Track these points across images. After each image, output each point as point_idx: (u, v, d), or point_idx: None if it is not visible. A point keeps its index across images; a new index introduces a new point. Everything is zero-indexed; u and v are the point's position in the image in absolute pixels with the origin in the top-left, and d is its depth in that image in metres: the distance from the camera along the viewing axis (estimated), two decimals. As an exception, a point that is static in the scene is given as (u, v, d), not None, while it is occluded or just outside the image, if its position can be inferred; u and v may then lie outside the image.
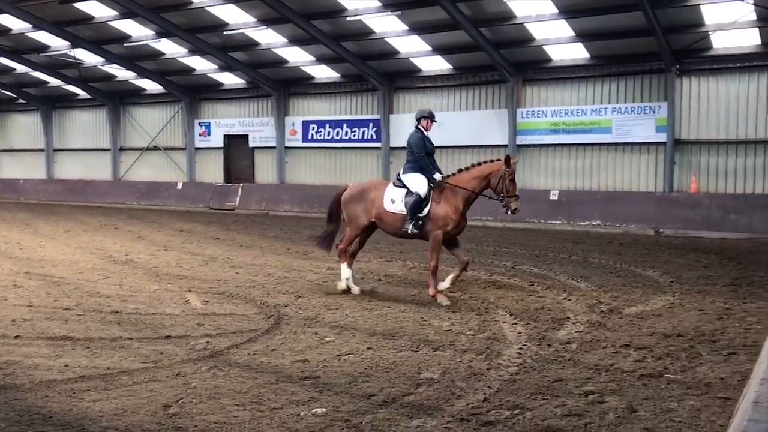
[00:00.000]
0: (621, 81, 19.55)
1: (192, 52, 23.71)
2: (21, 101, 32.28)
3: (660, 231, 17.45)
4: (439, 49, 20.61)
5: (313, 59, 22.97)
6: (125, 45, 23.44)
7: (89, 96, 29.78)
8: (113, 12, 21.18)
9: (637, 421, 4.65)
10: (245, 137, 26.66)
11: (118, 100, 29.84)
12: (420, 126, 9.29)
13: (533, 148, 20.94)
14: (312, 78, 24.68)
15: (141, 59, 25.15)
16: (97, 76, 27.76)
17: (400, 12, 18.20)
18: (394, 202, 9.13)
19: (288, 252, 13.68)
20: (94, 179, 30.56)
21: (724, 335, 7.00)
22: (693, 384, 5.44)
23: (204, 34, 21.84)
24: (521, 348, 6.53)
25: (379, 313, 8.08)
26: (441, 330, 7.27)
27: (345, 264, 9.45)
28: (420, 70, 22.40)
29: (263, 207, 24.69)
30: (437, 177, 9.06)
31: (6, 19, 22.70)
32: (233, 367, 5.93)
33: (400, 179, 9.23)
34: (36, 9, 21.35)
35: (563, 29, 18.24)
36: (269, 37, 21.82)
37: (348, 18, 19.08)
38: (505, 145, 21.08)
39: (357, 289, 9.31)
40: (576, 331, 7.22)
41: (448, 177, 9.22)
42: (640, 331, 7.20)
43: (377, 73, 22.67)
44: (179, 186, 27.55)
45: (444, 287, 9.06)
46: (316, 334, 7.12)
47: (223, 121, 27.23)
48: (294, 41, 21.57)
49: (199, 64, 25.14)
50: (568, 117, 20.27)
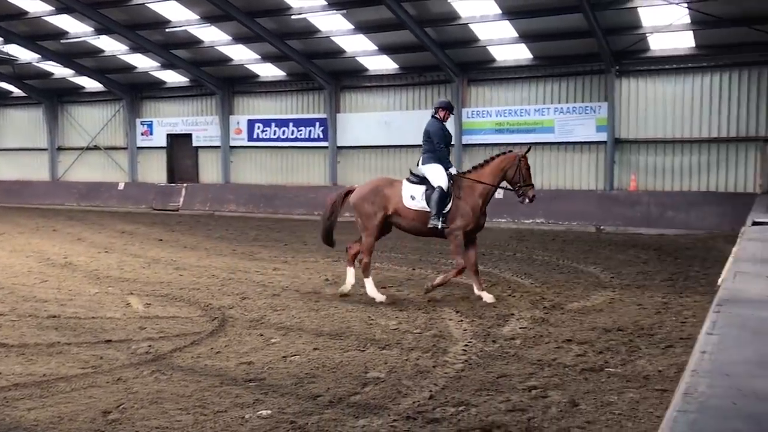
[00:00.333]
0: (563, 81, 19.97)
1: (133, 49, 23.15)
2: (-49, 99, 31.05)
3: (601, 228, 17.89)
4: (385, 49, 20.67)
5: (258, 57, 22.73)
6: (62, 41, 22.72)
7: (24, 94, 28.79)
8: (49, 7, 20.51)
9: (579, 415, 4.75)
10: (189, 136, 26.21)
11: (55, 98, 28.92)
12: (437, 116, 9.20)
13: (478, 147, 21.17)
14: (257, 76, 24.42)
15: (79, 56, 24.43)
16: (33, 73, 26.87)
17: (345, 11, 18.17)
18: (414, 198, 8.90)
19: (233, 253, 13.50)
20: (31, 180, 29.56)
21: (661, 329, 7.21)
22: (632, 377, 5.58)
23: (145, 31, 21.35)
24: (467, 345, 6.59)
25: (326, 314, 8.05)
26: (388, 329, 7.29)
27: (352, 268, 9.15)
28: (366, 69, 22.41)
29: (208, 207, 24.32)
30: (452, 171, 8.99)
31: (-66, 13, 21.79)
32: (176, 371, 5.81)
33: (415, 174, 9.10)
34: (-34, 3, 20.57)
35: (507, 30, 18.52)
36: (213, 35, 21.48)
37: (293, 16, 18.95)
38: (451, 145, 21.21)
39: (348, 288, 9.08)
40: (520, 327, 7.33)
41: (465, 173, 9.17)
42: (581, 326, 7.35)
43: (323, 72, 22.58)
44: (121, 186, 26.88)
45: (435, 284, 8.92)
46: (261, 335, 7.04)
47: (166, 120, 26.70)
48: (238, 39, 21.30)
49: (141, 61, 24.58)
50: (512, 117, 20.59)
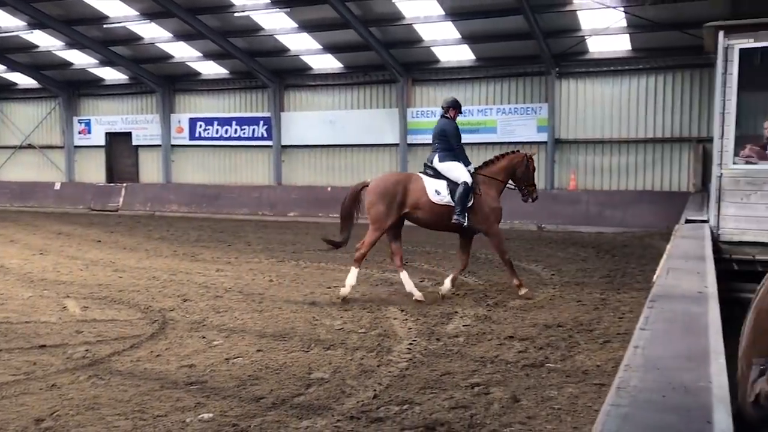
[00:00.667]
0: (505, 82, 20.29)
1: (69, 45, 22.47)
2: None
3: (542, 226, 18.24)
4: (330, 48, 20.61)
5: (200, 55, 22.37)
6: (-7, 36, 21.92)
7: (-47, 90, 27.66)
8: (-22, 0, 19.74)
9: (520, 410, 4.82)
10: (128, 135, 25.61)
11: (-14, 94, 27.86)
12: (448, 115, 9.20)
13: (424, 147, 21.27)
14: (199, 74, 24.03)
15: (12, 52, 23.57)
16: (-39, 68, 25.82)
17: (289, 9, 18.05)
18: (439, 193, 8.78)
19: (174, 254, 13.23)
20: (-41, 180, 28.40)
21: (600, 324, 7.39)
22: (572, 372, 5.71)
23: (82, 26, 20.76)
24: (411, 343, 6.63)
25: (270, 315, 7.96)
26: (333, 329, 7.26)
27: (357, 269, 8.77)
28: (311, 68, 22.30)
29: (148, 207, 23.79)
30: (471, 169, 9.02)
31: None
32: (114, 376, 5.66)
33: (432, 168, 8.99)
34: None
35: (450, 31, 18.70)
36: (153, 32, 21.03)
37: (236, 14, 18.72)
38: (397, 144, 21.39)
39: (347, 291, 8.64)
40: (463, 325, 7.41)
41: (479, 170, 9.18)
42: (523, 323, 7.48)
43: (267, 70, 22.37)
44: (57, 186, 26.03)
45: (446, 289, 8.95)
46: (203, 338, 6.92)
47: (105, 118, 26.02)
48: (179, 36, 20.91)
49: (78, 58, 23.87)
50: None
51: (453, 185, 8.80)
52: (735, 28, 7.61)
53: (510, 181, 9.35)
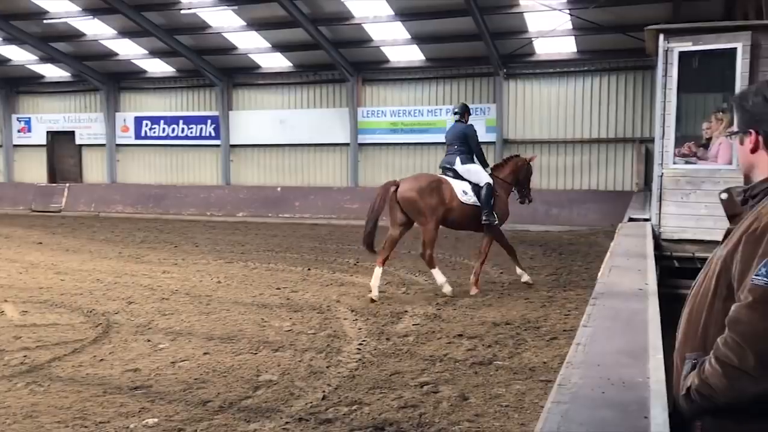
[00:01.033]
0: (454, 83, 20.45)
1: (7, 40, 21.68)
2: None
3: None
4: (279, 46, 20.42)
5: (146, 52, 21.88)
6: (-76, 30, 21.00)
7: None
8: None
9: (468, 408, 4.87)
10: (71, 134, 24.90)
11: None
12: (463, 120, 9.61)
13: (374, 147, 21.35)
14: (144, 72, 23.51)
15: (-56, 46, 22.67)
16: None
17: (236, 7, 17.83)
18: (466, 193, 9.11)
19: (119, 256, 12.92)
20: None
21: (547, 322, 7.51)
22: (519, 369, 5.79)
23: (21, 21, 20.07)
24: (361, 343, 6.62)
25: (218, 317, 7.84)
26: (282, 331, 7.20)
27: (381, 269, 8.86)
28: (259, 66, 22.07)
29: (93, 208, 23.17)
30: (488, 170, 9.43)
31: None
32: (55, 382, 5.49)
33: (453, 170, 9.26)
34: None
35: (399, 31, 18.74)
36: (96, 28, 20.46)
37: (182, 11, 18.35)
38: (347, 144, 21.34)
39: (377, 293, 8.69)
40: (413, 324, 7.44)
41: (493, 172, 9.61)
42: (472, 321, 7.55)
43: (215, 69, 22.04)
44: (-5, 187, 25.16)
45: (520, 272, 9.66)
46: (149, 341, 6.78)
47: (46, 117, 25.24)
48: (124, 33, 20.41)
49: (16, 54, 23.06)
50: (406, 117, 20.87)
51: (475, 187, 9.18)
52: (675, 31, 7.80)
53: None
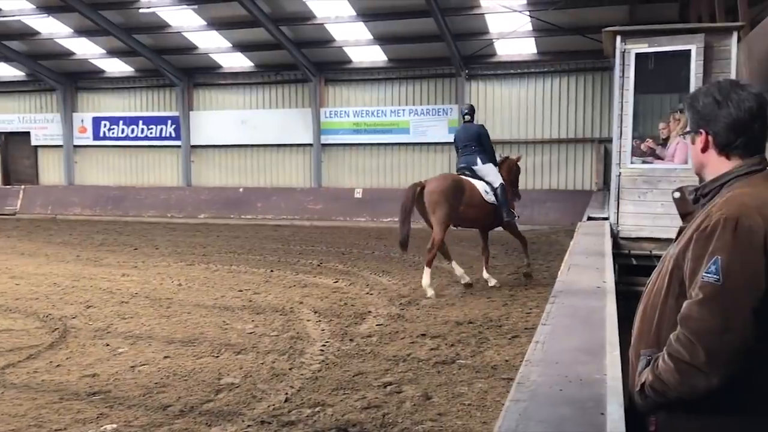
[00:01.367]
0: (416, 84, 20.53)
1: (-42, 38, 21.12)
2: None
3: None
4: (240, 46, 20.26)
5: (104, 52, 21.50)
6: None
7: None
8: None
9: (431, 408, 4.88)
10: (26, 135, 24.34)
11: None
12: (473, 121, 10.05)
13: (337, 147, 21.31)
14: (103, 72, 23.09)
15: None
16: None
17: (196, 6, 17.63)
18: (488, 193, 9.40)
19: (77, 259, 12.66)
20: None
21: (508, 320, 7.58)
22: (481, 368, 5.83)
23: (-28, 19, 19.56)
24: (324, 345, 6.59)
25: (178, 320, 7.73)
26: (244, 333, 7.13)
27: (430, 269, 9.14)
28: (221, 66, 21.86)
29: (50, 211, 22.69)
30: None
31: None
32: (8, 389, 5.35)
33: (471, 169, 9.51)
34: None
35: (362, 32, 18.75)
36: (52, 27, 20.04)
37: (141, 10, 18.08)
38: (310, 144, 21.27)
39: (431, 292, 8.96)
40: (377, 325, 7.43)
41: None
42: (435, 321, 7.58)
43: (175, 68, 21.76)
44: (-54, 189, 24.45)
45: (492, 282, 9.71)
46: (107, 345, 6.65)
47: (0, 117, 24.59)
48: (81, 32, 20.02)
49: (-32, 52, 22.45)
50: (369, 117, 20.89)
51: (491, 186, 9.52)
52: (631, 33, 7.96)
53: None
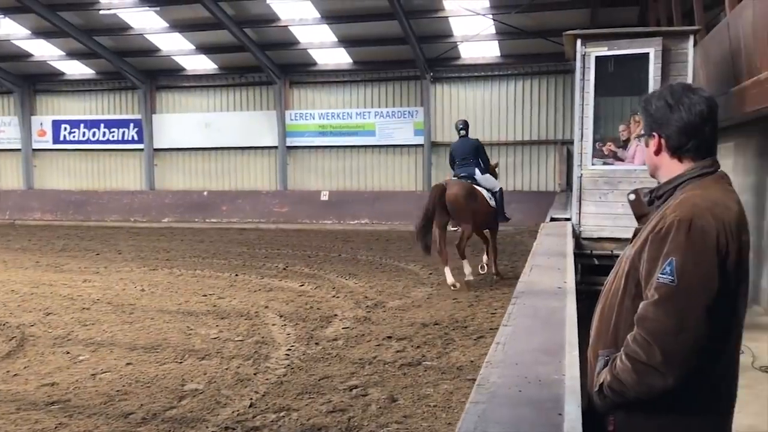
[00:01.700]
0: (382, 86, 20.57)
1: None
2: None
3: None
4: (203, 48, 20.05)
5: (63, 54, 21.10)
6: None
7: None
8: None
9: (397, 410, 4.89)
10: (-17, 138, 23.76)
11: None
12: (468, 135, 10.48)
13: (303, 149, 21.23)
14: (62, 74, 22.65)
15: None
16: None
17: (158, 8, 17.39)
18: (491, 198, 10.11)
19: (37, 265, 12.38)
20: None
21: (474, 321, 7.63)
22: (447, 369, 5.85)
23: (-75, 19, 19.01)
24: (289, 349, 6.55)
25: (141, 326, 7.62)
26: (208, 338, 7.05)
27: (466, 260, 9.82)
28: (184, 68, 21.61)
29: (8, 216, 22.20)
30: None
31: None
32: (-36, 401, 5.22)
33: (473, 178, 9.99)
34: None
35: (326, 34, 18.71)
36: (8, 28, 19.58)
37: (101, 11, 17.77)
38: (276, 147, 21.15)
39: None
40: (343, 328, 7.42)
41: None
42: (401, 323, 7.59)
43: (137, 71, 21.45)
44: None
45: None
46: (67, 353, 6.52)
47: (-45, 120, 24.01)
48: (39, 33, 19.62)
49: None
50: (335, 120, 20.85)
51: (491, 192, 10.22)
52: (591, 36, 8.07)
53: None
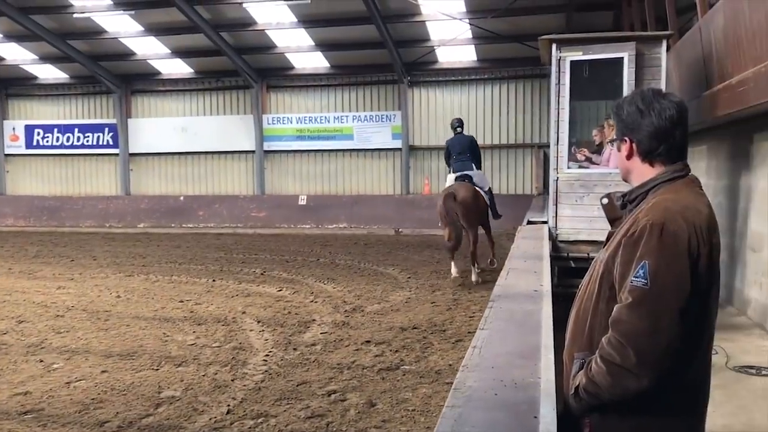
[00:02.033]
0: (359, 90, 20.59)
1: None
2: None
3: (399, 230, 18.65)
4: (179, 52, 19.92)
5: (36, 57, 20.82)
6: None
7: None
8: None
9: (376, 415, 4.88)
10: (-46, 144, 23.36)
11: None
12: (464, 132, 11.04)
13: (281, 153, 21.17)
14: (35, 78, 22.36)
15: None
16: None
17: (133, 12, 17.24)
18: (486, 196, 10.62)
19: (9, 272, 12.19)
20: None
21: (452, 324, 7.65)
22: (425, 373, 5.86)
23: None
24: (267, 355, 6.52)
25: (117, 333, 7.53)
26: (185, 345, 6.99)
27: (455, 262, 10.33)
28: (159, 72, 21.45)
29: (-20, 222, 21.84)
30: None
31: None
32: (-66, 411, 5.11)
33: (468, 176, 10.47)
34: None
35: (303, 38, 18.68)
36: (-21, 31, 19.33)
37: (75, 15, 17.59)
38: (253, 151, 21.06)
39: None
40: (321, 333, 7.39)
41: None
42: (380, 327, 7.59)
43: (112, 75, 21.25)
44: None
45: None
46: (41, 361, 6.42)
47: (-75, 125, 23.58)
48: (11, 37, 19.36)
49: None
50: (312, 124, 20.82)
51: (483, 191, 10.68)
52: (566, 41, 8.15)
53: None
